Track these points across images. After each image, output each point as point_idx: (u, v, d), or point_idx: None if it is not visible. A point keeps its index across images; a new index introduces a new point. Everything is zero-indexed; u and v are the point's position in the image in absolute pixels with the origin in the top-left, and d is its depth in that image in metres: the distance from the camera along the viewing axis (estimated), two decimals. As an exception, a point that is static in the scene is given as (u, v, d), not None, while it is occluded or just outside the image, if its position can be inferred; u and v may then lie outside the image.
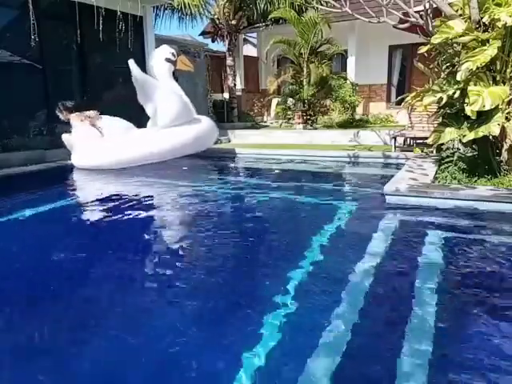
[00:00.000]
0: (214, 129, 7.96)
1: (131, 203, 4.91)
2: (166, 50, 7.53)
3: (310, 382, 1.67)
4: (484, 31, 4.50)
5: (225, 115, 12.81)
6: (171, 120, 6.98)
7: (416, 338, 1.93)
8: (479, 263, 2.86)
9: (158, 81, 7.08)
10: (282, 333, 2.00)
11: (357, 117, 11.28)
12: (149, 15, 9.49)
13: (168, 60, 7.48)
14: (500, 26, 4.22)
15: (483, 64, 4.22)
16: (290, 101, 11.42)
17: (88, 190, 6.00)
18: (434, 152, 6.47)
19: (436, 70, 5.60)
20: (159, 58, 7.47)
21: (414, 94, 5.26)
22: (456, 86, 4.50)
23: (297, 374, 1.70)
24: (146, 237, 3.79)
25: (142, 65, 7.25)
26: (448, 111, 4.93)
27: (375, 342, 1.99)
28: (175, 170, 6.90)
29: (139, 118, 7.40)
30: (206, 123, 7.67)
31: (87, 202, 5.23)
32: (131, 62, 6.58)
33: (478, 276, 2.66)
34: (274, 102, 13.02)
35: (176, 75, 8.25)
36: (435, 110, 5.67)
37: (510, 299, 2.36)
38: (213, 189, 5.67)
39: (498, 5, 4.29)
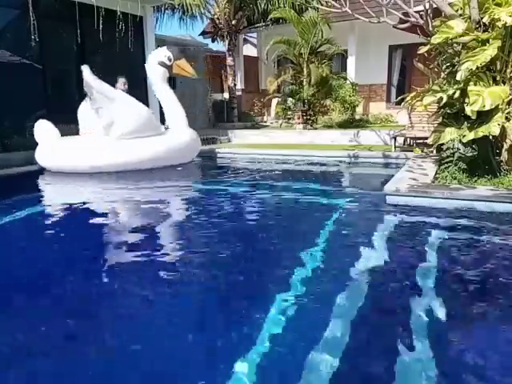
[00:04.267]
0: (193, 143, 7.35)
1: (122, 205, 4.91)
2: (161, 53, 7.00)
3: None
4: (484, 31, 4.50)
5: (225, 115, 12.82)
6: (124, 134, 6.40)
7: (414, 340, 1.93)
8: (479, 263, 2.86)
9: (115, 90, 6.53)
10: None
11: (357, 117, 11.29)
12: (149, 15, 9.49)
13: (162, 64, 6.95)
14: (500, 26, 4.22)
15: (483, 64, 4.22)
16: (290, 101, 11.43)
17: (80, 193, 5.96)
18: (434, 152, 6.47)
19: (436, 70, 5.60)
20: (152, 61, 7.00)
21: (413, 93, 5.26)
22: (456, 86, 4.50)
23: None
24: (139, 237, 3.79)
25: (143, 65, 7.22)
26: (448, 111, 4.93)
27: (366, 349, 1.99)
28: (170, 171, 6.79)
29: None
30: (183, 137, 7.08)
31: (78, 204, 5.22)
32: (85, 67, 6.15)
33: (477, 276, 2.66)
34: (274, 102, 13.04)
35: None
36: (435, 110, 5.67)
37: (510, 299, 2.36)
38: (212, 188, 5.66)
39: (498, 5, 4.29)
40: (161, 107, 7.41)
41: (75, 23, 7.63)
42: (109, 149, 6.38)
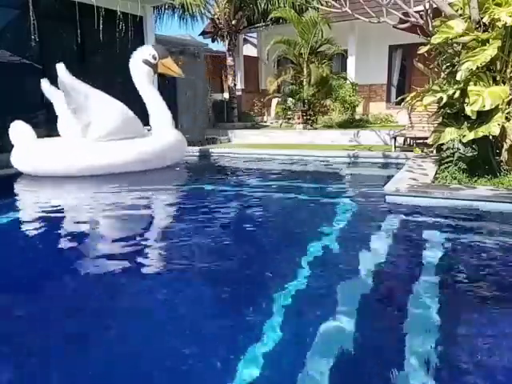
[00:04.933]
0: (178, 145, 7.02)
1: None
2: (145, 52, 6.68)
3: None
4: (484, 31, 4.51)
5: (225, 115, 12.83)
6: (103, 135, 6.09)
7: (415, 340, 1.93)
8: (479, 263, 2.86)
9: (91, 88, 6.09)
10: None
11: (357, 117, 11.29)
12: (149, 15, 9.49)
13: (147, 62, 6.63)
14: (500, 26, 4.22)
15: (483, 64, 4.22)
16: (290, 101, 11.45)
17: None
18: (434, 152, 6.48)
19: (436, 70, 5.61)
20: (136, 59, 6.64)
21: (413, 93, 5.27)
22: (456, 86, 4.50)
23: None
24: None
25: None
26: (448, 111, 4.93)
27: (368, 350, 1.99)
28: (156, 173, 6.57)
29: (140, 119, 7.37)
30: (168, 139, 6.75)
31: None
32: (59, 65, 5.78)
33: (477, 276, 2.66)
34: (274, 102, 13.06)
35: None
36: (435, 110, 5.68)
37: (510, 299, 2.36)
38: (211, 189, 5.67)
39: (498, 5, 4.29)
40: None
41: (75, 23, 7.63)
42: (87, 151, 6.07)
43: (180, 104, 10.73)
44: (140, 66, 6.65)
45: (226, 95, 13.65)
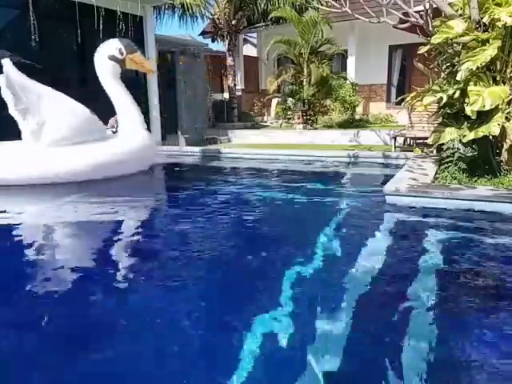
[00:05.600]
0: (146, 150, 6.33)
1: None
2: (111, 46, 6.08)
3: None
4: (484, 31, 4.50)
5: (225, 115, 12.84)
6: (56, 139, 5.51)
7: (415, 342, 1.93)
8: (479, 263, 2.86)
9: (42, 85, 5.55)
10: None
11: (357, 117, 11.30)
12: (149, 15, 9.49)
13: (113, 58, 6.05)
14: (500, 26, 4.22)
15: (483, 64, 4.22)
16: (290, 101, 11.46)
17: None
18: (434, 152, 6.47)
19: (436, 70, 5.60)
20: (101, 55, 6.07)
21: (414, 93, 5.26)
22: (456, 86, 4.50)
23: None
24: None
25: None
26: (448, 111, 4.93)
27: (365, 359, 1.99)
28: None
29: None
30: (134, 142, 6.11)
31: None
32: (5, 61, 5.29)
33: (477, 276, 2.66)
34: (274, 102, 13.07)
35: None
36: (435, 110, 5.67)
37: (510, 299, 2.36)
38: (212, 189, 5.67)
39: (498, 5, 4.29)
40: (161, 111, 7.26)
41: (75, 23, 7.64)
42: (39, 157, 5.46)
43: (180, 104, 10.74)
44: (105, 61, 6.08)
45: (226, 95, 13.66)
